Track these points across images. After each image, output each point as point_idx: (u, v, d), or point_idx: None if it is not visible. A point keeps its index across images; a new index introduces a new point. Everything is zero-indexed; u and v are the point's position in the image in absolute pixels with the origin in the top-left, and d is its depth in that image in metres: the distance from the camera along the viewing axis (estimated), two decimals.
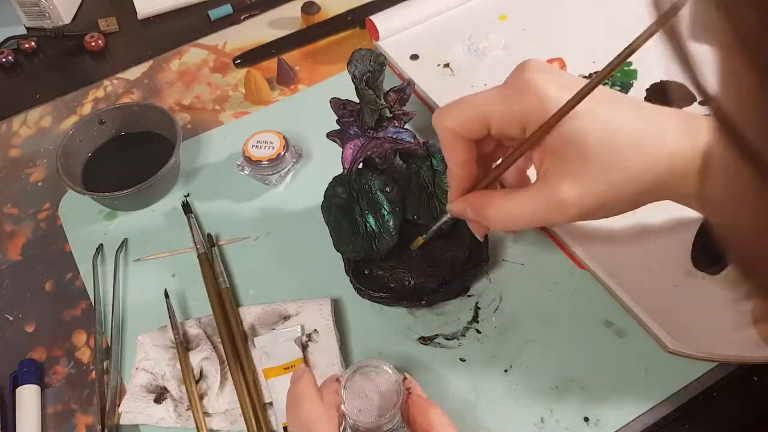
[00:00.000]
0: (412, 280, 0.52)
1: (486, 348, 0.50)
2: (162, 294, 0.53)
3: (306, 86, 0.69)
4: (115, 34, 0.78)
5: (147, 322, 0.53)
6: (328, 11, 0.75)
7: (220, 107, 0.68)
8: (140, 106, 0.63)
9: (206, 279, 0.54)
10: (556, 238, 0.54)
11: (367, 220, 0.50)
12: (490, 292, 0.52)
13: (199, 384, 0.49)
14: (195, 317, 0.53)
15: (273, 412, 0.48)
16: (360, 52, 0.48)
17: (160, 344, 0.51)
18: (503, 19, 0.70)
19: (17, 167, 0.66)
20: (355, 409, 0.40)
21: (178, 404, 0.49)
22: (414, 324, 0.51)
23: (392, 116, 0.51)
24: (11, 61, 0.76)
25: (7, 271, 0.59)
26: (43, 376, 0.52)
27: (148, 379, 0.50)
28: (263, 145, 0.59)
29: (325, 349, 0.50)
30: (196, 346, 0.51)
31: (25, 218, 0.62)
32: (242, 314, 0.52)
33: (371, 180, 0.50)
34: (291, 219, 0.58)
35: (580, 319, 0.50)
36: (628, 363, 0.48)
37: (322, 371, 0.49)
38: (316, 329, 0.51)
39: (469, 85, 0.64)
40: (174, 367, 0.50)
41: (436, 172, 0.52)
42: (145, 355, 0.51)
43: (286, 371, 0.48)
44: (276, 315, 0.52)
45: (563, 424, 0.46)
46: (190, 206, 0.59)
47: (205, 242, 0.57)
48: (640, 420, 0.46)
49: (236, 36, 0.75)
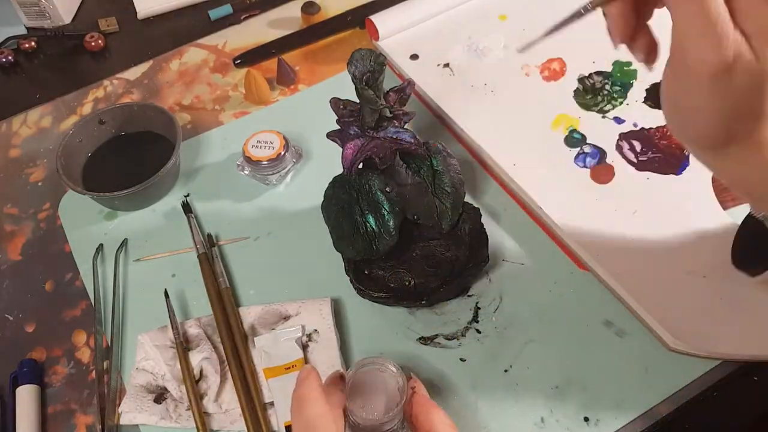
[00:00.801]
0: (412, 280, 0.52)
1: (486, 348, 0.50)
2: (162, 294, 0.53)
3: (306, 86, 0.69)
4: (115, 34, 0.78)
5: (147, 322, 0.53)
6: (328, 11, 0.75)
7: (220, 107, 0.68)
8: (140, 106, 0.63)
9: (206, 279, 0.54)
10: (557, 237, 0.54)
11: (367, 220, 0.50)
12: (490, 292, 0.52)
13: (199, 384, 0.49)
14: (195, 317, 0.53)
15: (273, 412, 0.48)
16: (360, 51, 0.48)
17: (160, 344, 0.51)
18: (503, 19, 0.70)
19: (17, 167, 0.66)
20: (358, 406, 0.40)
21: (178, 404, 0.49)
22: (414, 324, 0.51)
23: (392, 116, 0.51)
24: (11, 61, 0.76)
25: (7, 271, 0.59)
26: (43, 376, 0.52)
27: (148, 379, 0.50)
28: (263, 145, 0.59)
29: (325, 349, 0.50)
30: (196, 346, 0.51)
31: (25, 218, 0.62)
32: (242, 314, 0.52)
33: (371, 180, 0.50)
34: (291, 219, 0.58)
35: (580, 319, 0.50)
36: (628, 363, 0.48)
37: (322, 371, 0.49)
38: (317, 329, 0.51)
39: (469, 85, 0.64)
40: (174, 367, 0.50)
41: (436, 172, 0.52)
42: (145, 355, 0.51)
43: (287, 371, 0.48)
44: (276, 315, 0.52)
45: (563, 423, 0.46)
46: (190, 206, 0.59)
47: (205, 242, 0.57)
48: (640, 420, 0.46)
49: (236, 36, 0.75)
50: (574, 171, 0.57)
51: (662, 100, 0.36)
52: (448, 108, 0.62)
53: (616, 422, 0.46)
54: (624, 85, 0.62)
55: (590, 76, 0.63)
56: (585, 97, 0.62)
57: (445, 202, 0.52)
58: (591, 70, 0.64)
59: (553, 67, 0.64)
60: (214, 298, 0.53)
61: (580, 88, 0.63)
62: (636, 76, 0.63)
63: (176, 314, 0.52)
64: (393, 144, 0.50)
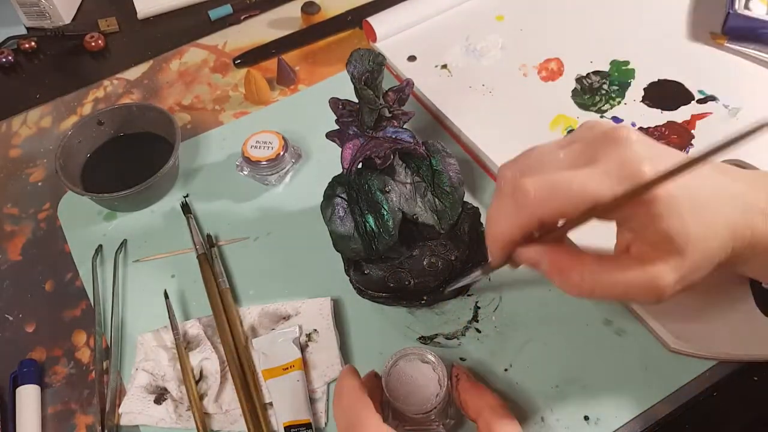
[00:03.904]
0: (412, 280, 0.52)
1: (486, 347, 0.50)
2: (162, 294, 0.53)
3: (306, 86, 0.69)
4: (115, 34, 0.78)
5: (147, 322, 0.53)
6: (328, 11, 0.75)
7: (220, 107, 0.68)
8: (139, 106, 0.63)
9: (206, 279, 0.54)
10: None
11: (366, 220, 0.50)
12: (490, 292, 0.52)
13: (199, 384, 0.49)
14: (195, 317, 0.53)
15: (273, 412, 0.48)
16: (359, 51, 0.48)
17: (160, 345, 0.51)
18: (500, 20, 0.70)
19: (17, 167, 0.66)
20: (400, 396, 0.41)
21: (179, 405, 0.49)
22: (414, 324, 0.51)
23: (391, 116, 0.51)
24: (11, 61, 0.76)
25: (7, 271, 0.59)
26: (43, 376, 0.52)
27: (148, 380, 0.50)
28: (262, 146, 0.59)
29: (324, 348, 0.50)
30: (196, 346, 0.51)
31: (25, 218, 0.62)
32: (242, 314, 0.52)
33: (371, 180, 0.50)
34: (290, 219, 0.58)
35: (580, 319, 0.50)
36: (628, 362, 0.48)
37: (322, 371, 0.49)
38: (316, 329, 0.51)
39: (467, 85, 0.64)
40: (174, 368, 0.50)
41: (436, 172, 0.52)
42: (145, 355, 0.51)
43: (285, 372, 0.48)
44: (276, 315, 0.52)
45: (563, 423, 0.46)
46: (189, 207, 0.59)
47: (205, 243, 0.57)
48: (640, 419, 0.46)
49: (236, 36, 0.75)
50: None
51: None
52: (446, 109, 0.62)
53: (616, 421, 0.46)
54: (622, 84, 0.62)
55: (588, 76, 0.63)
56: (583, 97, 0.62)
57: (445, 201, 0.52)
58: (589, 70, 0.64)
59: (550, 68, 0.65)
60: (214, 298, 0.53)
61: (578, 88, 0.63)
62: (634, 76, 0.63)
63: (176, 315, 0.52)
64: (392, 144, 0.50)
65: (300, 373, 0.48)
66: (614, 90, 0.62)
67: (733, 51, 0.64)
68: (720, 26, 0.65)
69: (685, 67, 0.63)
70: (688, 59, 0.64)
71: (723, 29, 0.64)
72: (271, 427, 0.47)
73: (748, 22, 0.63)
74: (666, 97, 0.61)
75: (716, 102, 0.60)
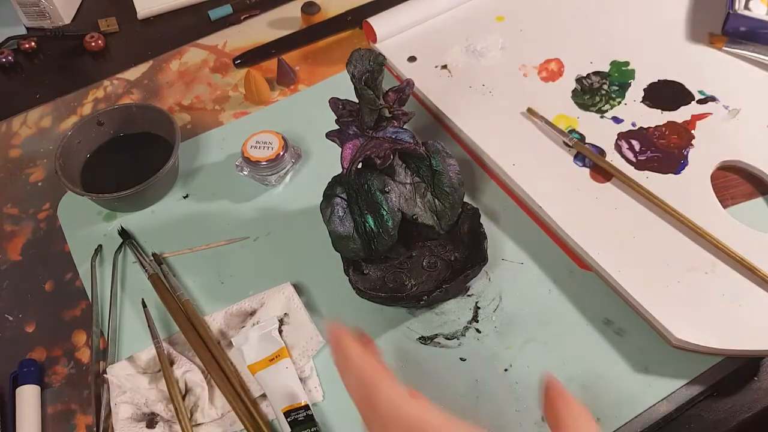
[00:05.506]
0: (411, 280, 0.52)
1: (486, 347, 0.50)
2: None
3: (306, 86, 0.69)
4: (115, 34, 0.78)
5: (143, 324, 0.53)
6: (328, 11, 0.75)
7: (220, 107, 0.68)
8: (139, 107, 0.63)
9: (164, 298, 0.53)
10: (556, 237, 0.54)
11: (366, 220, 0.50)
12: (490, 292, 0.52)
13: (187, 397, 0.49)
14: (163, 337, 0.52)
15: (268, 403, 0.48)
16: (359, 51, 0.48)
17: (132, 373, 0.50)
18: (500, 20, 0.70)
19: (17, 167, 0.66)
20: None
21: (172, 424, 0.48)
22: (414, 324, 0.51)
23: (391, 116, 0.51)
24: (11, 61, 0.76)
25: (7, 271, 0.59)
26: (43, 376, 0.52)
27: (131, 411, 0.48)
28: (262, 146, 0.59)
29: (299, 327, 0.51)
30: (172, 363, 0.50)
31: (25, 218, 0.62)
32: (208, 322, 0.52)
33: (370, 180, 0.50)
34: (290, 219, 0.58)
35: (579, 318, 0.50)
36: (627, 362, 0.48)
37: (302, 349, 0.50)
38: (286, 312, 0.52)
39: (467, 86, 0.64)
40: (156, 388, 0.49)
41: (435, 172, 0.52)
42: (119, 389, 0.49)
43: (272, 362, 0.49)
44: (241, 314, 0.52)
45: None
46: (127, 233, 0.58)
47: (150, 263, 0.56)
48: (640, 419, 0.46)
49: (236, 36, 0.75)
50: (574, 170, 0.57)
51: None
52: (446, 109, 0.62)
53: (617, 421, 0.46)
54: (622, 85, 0.62)
55: (588, 77, 0.63)
56: (583, 97, 0.62)
57: (444, 202, 0.52)
58: (589, 71, 0.64)
59: (550, 68, 0.65)
60: (176, 312, 0.52)
61: (578, 88, 0.63)
62: (633, 76, 0.63)
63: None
64: (392, 144, 0.50)
65: (287, 361, 0.49)
66: (614, 90, 0.62)
67: (733, 52, 0.64)
68: (720, 27, 0.65)
69: (685, 68, 0.63)
70: (689, 60, 0.64)
71: (723, 29, 0.64)
72: (268, 418, 0.48)
73: (748, 23, 0.63)
74: (666, 97, 0.61)
75: (716, 102, 0.60)
